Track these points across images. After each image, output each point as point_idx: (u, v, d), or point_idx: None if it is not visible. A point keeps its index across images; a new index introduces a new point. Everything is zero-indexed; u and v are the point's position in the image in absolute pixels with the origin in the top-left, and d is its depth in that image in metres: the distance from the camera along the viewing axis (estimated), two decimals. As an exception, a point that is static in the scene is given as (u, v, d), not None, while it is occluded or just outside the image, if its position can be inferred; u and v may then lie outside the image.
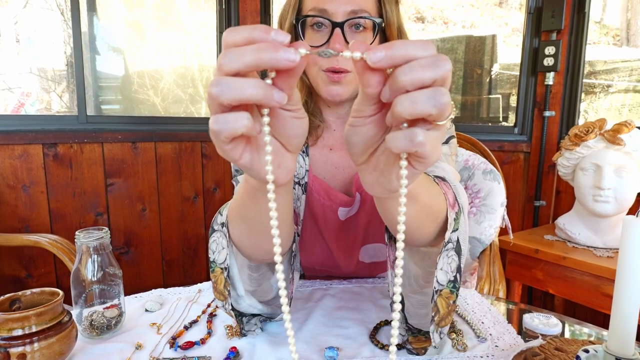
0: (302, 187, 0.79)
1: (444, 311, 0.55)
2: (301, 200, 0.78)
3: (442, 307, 0.55)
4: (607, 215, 1.47)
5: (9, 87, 2.07)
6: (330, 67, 0.72)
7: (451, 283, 0.55)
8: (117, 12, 2.21)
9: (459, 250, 0.56)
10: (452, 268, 0.55)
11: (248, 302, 0.62)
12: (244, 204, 0.52)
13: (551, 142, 1.92)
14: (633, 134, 1.41)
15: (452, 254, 0.55)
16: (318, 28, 0.72)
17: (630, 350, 0.46)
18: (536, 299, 2.01)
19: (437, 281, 0.55)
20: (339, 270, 0.88)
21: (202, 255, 2.30)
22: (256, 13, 2.24)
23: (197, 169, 2.21)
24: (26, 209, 1.78)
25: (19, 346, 0.51)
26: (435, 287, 0.55)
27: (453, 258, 0.55)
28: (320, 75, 0.74)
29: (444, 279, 0.55)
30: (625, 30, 2.47)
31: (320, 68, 0.73)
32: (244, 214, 0.53)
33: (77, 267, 0.65)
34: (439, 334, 0.56)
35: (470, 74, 2.44)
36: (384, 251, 0.82)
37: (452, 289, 0.55)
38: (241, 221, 0.55)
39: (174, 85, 2.41)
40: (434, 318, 0.55)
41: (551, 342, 0.57)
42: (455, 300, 0.55)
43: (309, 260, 0.87)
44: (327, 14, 0.70)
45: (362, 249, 0.85)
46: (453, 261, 0.55)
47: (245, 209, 0.52)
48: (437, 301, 0.55)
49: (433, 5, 2.65)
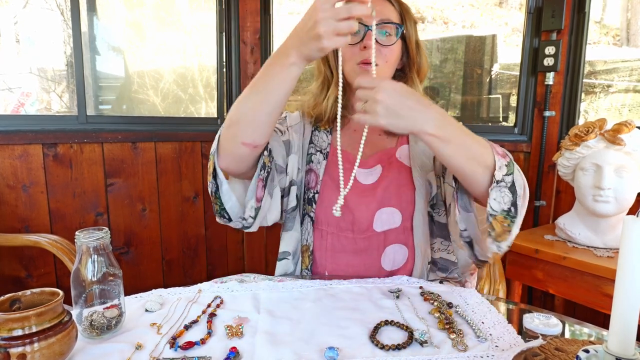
0: (323, 154, 1.02)
1: (500, 230, 0.77)
2: (321, 164, 1.00)
3: (497, 227, 0.77)
4: (607, 215, 1.47)
5: (9, 87, 2.07)
6: (363, 59, 0.90)
7: (505, 212, 0.76)
8: (117, 12, 2.21)
9: (514, 190, 0.76)
10: (506, 201, 0.76)
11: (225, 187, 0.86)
12: (274, 82, 0.78)
13: (551, 142, 1.92)
14: (633, 134, 1.40)
15: (506, 191, 0.75)
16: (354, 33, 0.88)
17: (630, 350, 0.46)
18: (536, 299, 2.01)
19: (491, 207, 0.75)
20: (351, 231, 0.97)
21: (202, 255, 2.30)
22: (256, 13, 2.24)
23: (197, 169, 2.21)
24: (26, 209, 1.78)
25: (19, 346, 0.51)
26: (490, 212, 0.76)
27: (506, 194, 0.75)
28: (355, 68, 0.92)
29: (498, 207, 0.76)
30: (625, 30, 2.47)
31: (355, 62, 0.91)
32: (263, 90, 0.79)
33: (77, 267, 0.65)
34: (497, 246, 0.78)
35: (470, 74, 2.44)
36: (397, 218, 0.96)
37: (507, 216, 0.76)
38: (254, 93, 0.80)
39: (174, 85, 2.41)
40: (491, 234, 0.77)
41: (551, 342, 0.57)
42: (509, 224, 0.76)
43: (325, 215, 0.98)
44: (361, 20, 0.88)
45: (377, 213, 0.96)
46: (506, 196, 0.75)
47: (270, 87, 0.79)
48: (492, 222, 0.76)
49: (433, 5, 2.65)
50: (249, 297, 0.80)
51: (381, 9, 0.93)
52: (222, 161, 0.85)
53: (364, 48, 0.91)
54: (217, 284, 0.87)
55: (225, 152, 0.84)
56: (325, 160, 1.02)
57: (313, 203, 1.00)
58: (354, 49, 0.93)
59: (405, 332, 0.67)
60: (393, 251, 0.96)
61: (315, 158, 1.02)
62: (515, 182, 0.76)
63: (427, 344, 0.63)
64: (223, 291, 0.83)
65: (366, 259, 0.97)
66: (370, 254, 0.97)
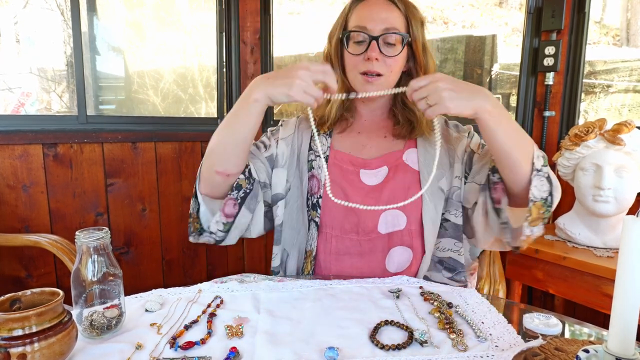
0: (324, 157, 0.99)
1: (536, 215, 0.82)
2: (322, 168, 0.99)
3: (534, 212, 0.81)
4: (607, 215, 1.47)
5: (9, 87, 2.07)
6: (366, 70, 0.91)
7: (543, 200, 0.82)
8: (117, 12, 2.21)
9: (550, 181, 0.83)
10: (545, 189, 0.82)
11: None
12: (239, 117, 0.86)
13: (551, 142, 1.92)
14: (633, 134, 1.40)
15: (544, 180, 0.82)
16: (359, 41, 0.93)
17: (630, 350, 0.46)
18: (536, 299, 2.01)
19: (532, 194, 0.81)
20: (356, 233, 0.97)
21: (202, 255, 2.30)
22: (256, 13, 2.24)
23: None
24: (26, 209, 1.78)
25: (19, 346, 0.51)
26: (531, 198, 0.81)
27: (544, 183, 0.82)
28: (358, 77, 0.94)
29: (538, 195, 0.81)
30: (625, 30, 2.47)
31: (358, 71, 0.93)
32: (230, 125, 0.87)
33: (77, 267, 0.65)
34: (530, 230, 0.83)
35: (470, 74, 2.44)
36: (401, 220, 0.96)
37: (544, 204, 0.82)
38: (224, 127, 0.88)
39: (174, 85, 2.41)
40: (527, 218, 0.81)
41: (551, 342, 0.57)
42: (545, 212, 0.82)
43: (330, 218, 0.99)
44: (366, 30, 0.91)
45: (382, 215, 0.96)
46: (544, 185, 0.82)
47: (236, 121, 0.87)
48: (531, 207, 0.81)
49: (433, 5, 2.65)
50: (249, 297, 0.80)
51: (386, 16, 0.92)
52: (203, 188, 0.94)
53: (367, 59, 0.91)
54: (217, 284, 0.87)
55: (204, 179, 0.94)
56: (326, 164, 1.00)
57: (318, 208, 0.99)
58: (357, 59, 0.92)
59: (405, 332, 0.67)
60: (397, 253, 0.96)
61: (316, 164, 1.02)
62: (550, 174, 0.84)
63: (427, 344, 0.63)
64: (223, 291, 0.83)
65: (370, 261, 0.96)
66: (374, 256, 0.96)
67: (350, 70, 0.95)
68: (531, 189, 0.81)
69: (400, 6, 0.94)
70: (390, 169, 0.98)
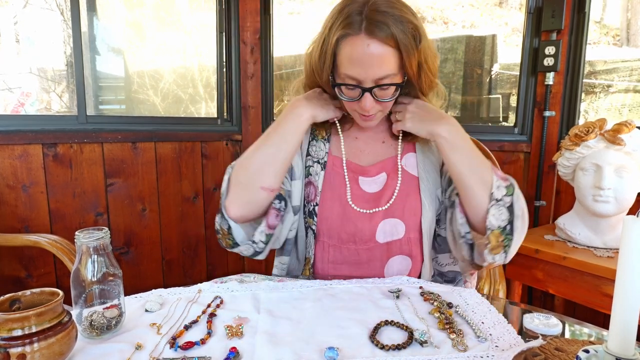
0: (321, 165, 0.99)
1: (495, 243, 0.82)
2: (319, 175, 0.98)
3: (492, 240, 0.82)
4: (607, 215, 1.47)
5: (9, 87, 2.07)
6: (362, 112, 0.89)
7: (501, 229, 0.82)
8: (117, 12, 2.21)
9: (512, 211, 0.82)
10: (503, 218, 0.82)
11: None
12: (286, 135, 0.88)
13: (551, 142, 1.92)
14: (633, 134, 1.40)
15: (504, 210, 0.82)
16: (351, 88, 0.87)
17: (630, 350, 0.46)
18: (536, 299, 2.01)
19: (489, 222, 0.82)
20: (353, 242, 0.95)
21: (202, 255, 2.30)
22: (256, 13, 2.24)
23: (197, 169, 2.21)
24: (26, 209, 1.78)
25: (19, 346, 0.51)
26: (488, 226, 0.82)
27: (503, 212, 0.82)
28: (355, 114, 0.93)
29: (495, 223, 0.82)
30: (625, 30, 2.47)
31: (354, 110, 0.91)
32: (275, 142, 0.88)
33: (77, 267, 0.65)
34: (492, 257, 0.84)
35: (470, 74, 2.44)
36: (400, 229, 0.94)
37: (502, 232, 0.82)
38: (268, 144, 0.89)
39: (174, 85, 2.41)
40: (487, 245, 0.82)
41: (551, 342, 0.57)
42: (504, 240, 0.82)
43: (327, 227, 0.97)
44: (358, 81, 0.85)
45: (380, 224, 0.94)
46: (504, 214, 0.82)
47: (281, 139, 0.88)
48: (489, 235, 0.82)
49: (433, 5, 2.65)
50: (249, 297, 0.80)
51: (379, 67, 0.81)
52: (237, 209, 0.87)
53: (361, 107, 0.87)
54: (217, 284, 0.87)
55: (240, 199, 0.88)
56: (323, 170, 0.98)
57: (314, 216, 0.96)
58: (352, 103, 0.89)
59: (405, 332, 0.67)
60: (396, 262, 0.94)
61: (313, 170, 0.99)
62: (515, 204, 0.83)
63: (427, 344, 0.63)
64: (223, 291, 0.83)
65: (369, 270, 0.95)
66: (372, 265, 0.95)
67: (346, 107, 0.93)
68: (488, 217, 0.82)
69: (390, 42, 0.80)
70: (389, 175, 0.97)
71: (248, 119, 2.30)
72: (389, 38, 0.80)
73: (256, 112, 2.30)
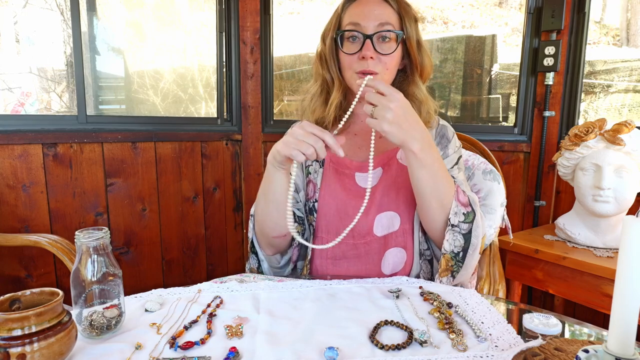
0: (319, 162, 1.02)
1: (444, 267, 0.86)
2: (318, 172, 1.01)
3: (442, 264, 0.86)
4: (607, 215, 1.47)
5: (9, 87, 2.07)
6: (362, 69, 0.90)
7: (453, 254, 0.85)
8: (117, 12, 2.21)
9: (468, 239, 0.85)
10: (457, 245, 0.85)
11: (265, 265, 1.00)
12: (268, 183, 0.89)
13: (551, 142, 1.92)
14: (633, 134, 1.40)
15: (459, 237, 0.85)
16: (353, 40, 0.93)
17: (630, 350, 0.46)
18: (536, 299, 2.01)
19: (443, 247, 0.85)
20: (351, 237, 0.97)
21: (202, 255, 2.30)
22: (256, 13, 2.24)
23: (197, 169, 2.21)
24: (26, 209, 1.78)
25: (19, 346, 0.51)
26: (442, 250, 0.86)
27: (458, 239, 0.85)
28: (354, 77, 0.93)
29: (448, 248, 0.85)
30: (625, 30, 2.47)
31: (354, 71, 0.92)
32: (265, 193, 0.91)
33: (77, 267, 0.65)
34: (439, 280, 0.88)
35: (470, 74, 2.44)
36: (396, 221, 0.96)
37: (453, 258, 0.85)
38: (262, 196, 0.92)
39: (174, 85, 2.41)
40: (438, 269, 0.87)
41: (551, 342, 0.57)
42: (454, 265, 0.86)
43: (325, 222, 0.99)
44: (360, 27, 0.91)
45: (377, 218, 0.96)
46: (457, 240, 0.84)
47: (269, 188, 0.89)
48: (441, 259, 0.86)
49: (433, 5, 2.65)
50: (249, 297, 0.80)
51: (379, 12, 0.91)
52: (267, 251, 0.99)
53: (362, 58, 0.90)
54: (217, 283, 0.87)
55: (264, 244, 0.99)
56: (321, 168, 1.01)
57: (314, 212, 0.99)
58: (352, 58, 0.92)
59: (405, 332, 0.67)
60: (392, 255, 0.96)
61: (312, 168, 1.02)
62: (472, 232, 0.85)
63: (426, 344, 0.63)
64: (223, 291, 0.83)
65: (366, 264, 0.96)
66: (370, 259, 0.96)
67: (346, 69, 0.95)
68: (443, 242, 0.86)
69: (392, 4, 0.93)
70: (384, 169, 0.99)
71: (248, 118, 2.30)
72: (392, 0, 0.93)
73: (256, 112, 2.31)
